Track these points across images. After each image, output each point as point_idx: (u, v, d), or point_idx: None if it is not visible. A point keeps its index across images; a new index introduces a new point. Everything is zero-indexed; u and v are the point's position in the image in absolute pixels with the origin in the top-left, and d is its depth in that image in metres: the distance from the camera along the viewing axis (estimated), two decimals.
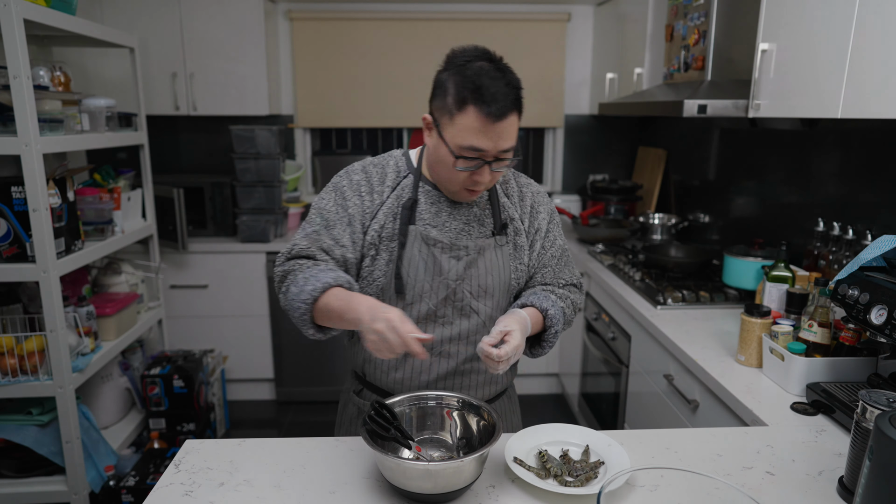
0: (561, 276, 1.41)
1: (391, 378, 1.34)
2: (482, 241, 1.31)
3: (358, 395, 1.43)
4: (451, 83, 1.17)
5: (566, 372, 3.45)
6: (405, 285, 1.27)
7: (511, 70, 1.20)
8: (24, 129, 1.87)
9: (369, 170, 1.34)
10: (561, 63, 3.79)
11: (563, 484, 1.08)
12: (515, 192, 1.40)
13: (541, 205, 1.41)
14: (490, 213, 1.35)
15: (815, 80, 1.60)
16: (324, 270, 1.21)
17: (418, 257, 1.28)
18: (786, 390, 1.55)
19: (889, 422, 0.87)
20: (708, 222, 2.99)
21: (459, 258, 1.29)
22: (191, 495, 1.09)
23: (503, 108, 1.14)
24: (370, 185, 1.31)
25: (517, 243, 1.36)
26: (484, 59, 1.18)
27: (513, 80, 1.18)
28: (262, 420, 3.43)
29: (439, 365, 1.32)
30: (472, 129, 1.16)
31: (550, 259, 1.40)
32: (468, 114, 1.15)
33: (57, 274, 2.01)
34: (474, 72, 1.15)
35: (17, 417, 2.18)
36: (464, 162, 1.19)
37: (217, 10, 3.27)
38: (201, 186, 3.36)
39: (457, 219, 1.31)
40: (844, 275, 1.43)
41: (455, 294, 1.30)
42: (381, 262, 1.29)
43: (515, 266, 1.35)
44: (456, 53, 1.20)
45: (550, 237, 1.41)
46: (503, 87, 1.15)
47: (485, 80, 1.14)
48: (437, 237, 1.28)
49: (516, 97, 1.18)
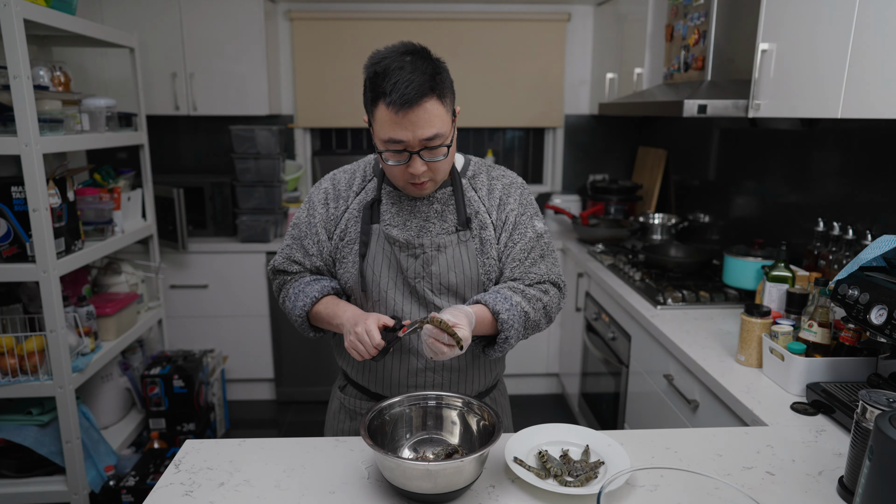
0: (533, 272, 1.33)
1: (366, 376, 1.39)
2: (442, 237, 1.30)
3: (342, 390, 1.48)
4: (365, 83, 1.19)
5: (566, 372, 3.45)
6: (368, 283, 1.31)
7: (426, 57, 1.17)
8: (24, 129, 1.87)
9: (338, 177, 1.39)
10: (561, 63, 3.79)
11: (563, 484, 1.08)
12: (485, 185, 1.36)
13: (510, 196, 1.35)
14: (454, 208, 1.33)
15: (815, 80, 1.60)
16: (310, 283, 1.35)
17: (382, 255, 1.31)
18: (786, 390, 1.55)
19: (889, 422, 0.87)
20: (708, 222, 2.99)
21: (416, 256, 1.30)
22: (191, 495, 1.09)
23: (407, 96, 1.12)
24: (336, 192, 1.37)
25: (483, 238, 1.32)
26: (397, 54, 1.16)
27: (423, 66, 1.15)
28: (262, 420, 3.43)
29: (409, 362, 1.34)
30: (385, 122, 1.16)
31: (519, 252, 1.33)
32: (379, 108, 1.16)
33: (57, 274, 2.01)
34: (382, 67, 1.15)
35: (17, 417, 2.18)
36: (391, 155, 1.20)
37: (217, 10, 3.27)
38: (201, 186, 3.36)
39: (417, 216, 1.32)
40: (844, 275, 1.43)
41: (416, 292, 1.31)
42: (347, 265, 1.33)
43: (483, 261, 1.32)
44: (372, 54, 1.20)
45: (521, 229, 1.34)
46: (408, 75, 1.13)
47: (390, 72, 1.14)
48: (396, 236, 1.30)
49: (425, 82, 1.14)
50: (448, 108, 1.20)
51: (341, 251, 1.34)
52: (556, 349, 3.59)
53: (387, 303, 1.31)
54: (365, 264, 1.31)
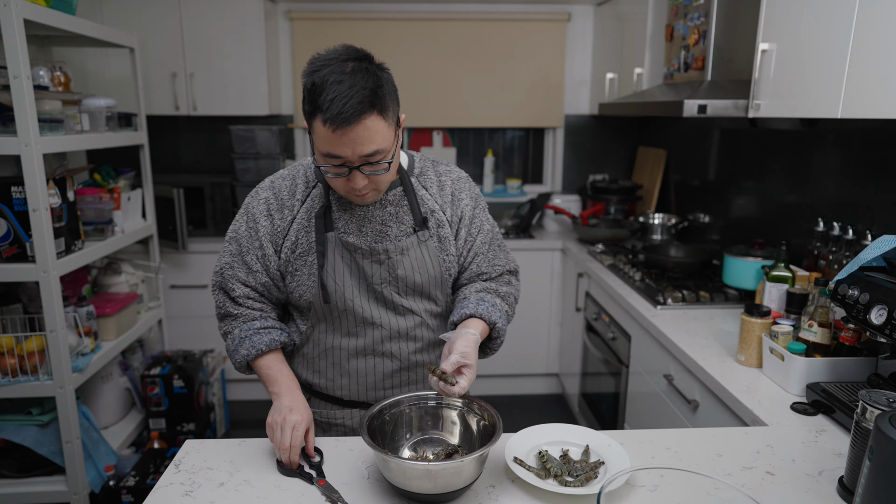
0: (496, 263, 1.38)
1: (338, 384, 1.36)
2: (403, 240, 1.28)
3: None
4: (304, 91, 1.11)
5: (566, 372, 3.45)
6: (331, 294, 1.26)
7: (367, 68, 1.09)
8: (24, 129, 1.87)
9: (277, 185, 1.30)
10: (561, 63, 3.79)
11: (563, 484, 1.08)
12: (434, 182, 1.34)
13: (462, 191, 1.35)
14: (408, 209, 1.30)
15: (815, 80, 1.60)
16: (258, 332, 1.30)
17: (341, 263, 1.26)
18: (786, 390, 1.55)
19: (889, 422, 0.87)
20: (708, 222, 2.99)
21: (381, 262, 1.27)
22: (191, 495, 1.09)
23: (343, 114, 1.05)
24: (279, 201, 1.28)
25: (441, 235, 1.32)
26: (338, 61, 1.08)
27: (363, 80, 1.07)
28: (262, 420, 3.41)
29: (383, 364, 1.33)
30: (324, 137, 1.09)
31: (481, 245, 1.36)
32: (317, 123, 1.08)
33: (57, 274, 2.01)
34: (320, 78, 1.07)
35: (17, 417, 2.18)
36: (331, 169, 1.13)
37: (217, 10, 3.27)
38: (201, 186, 3.36)
39: (372, 221, 1.27)
40: (844, 275, 1.43)
41: (383, 296, 1.29)
42: (302, 278, 1.27)
43: (443, 258, 1.32)
44: (313, 59, 1.11)
45: (477, 223, 1.36)
46: (346, 90, 1.05)
47: (327, 85, 1.06)
48: (356, 243, 1.25)
49: (364, 98, 1.06)
50: (391, 121, 1.13)
51: (293, 264, 1.27)
52: (556, 349, 3.59)
53: (353, 311, 1.28)
54: (325, 275, 1.25)
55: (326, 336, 1.32)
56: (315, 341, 1.34)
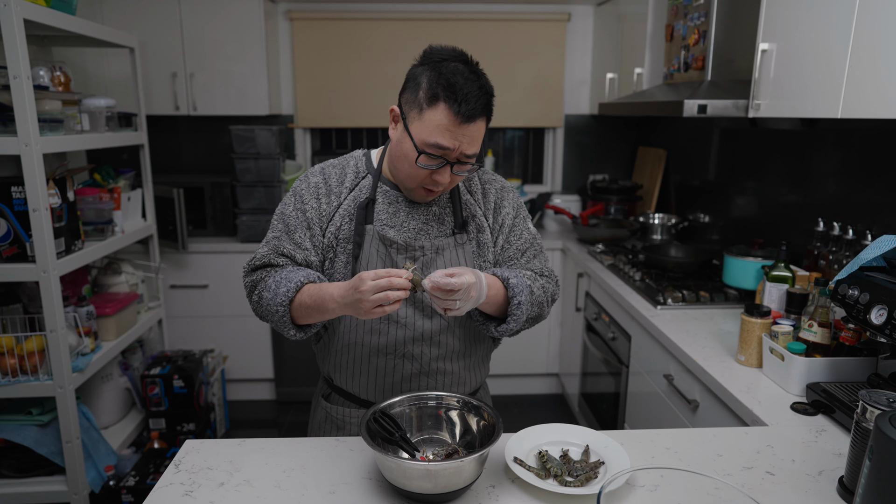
0: (529, 267, 1.38)
1: (356, 382, 1.35)
2: (441, 240, 1.29)
3: (326, 399, 1.43)
4: (424, 78, 1.17)
5: (566, 372, 3.45)
6: None
7: (485, 76, 1.20)
8: (24, 129, 1.87)
9: (328, 171, 1.33)
10: (561, 63, 3.79)
11: (563, 484, 1.08)
12: (479, 188, 1.37)
13: (505, 200, 1.38)
14: (451, 210, 1.33)
15: (815, 80, 1.60)
16: (292, 271, 1.24)
17: (376, 257, 1.27)
18: (786, 390, 1.55)
19: (889, 422, 0.87)
20: (708, 222, 2.99)
21: (416, 259, 1.28)
22: (191, 495, 1.09)
23: (473, 109, 1.14)
24: (328, 186, 1.31)
25: (480, 241, 1.34)
26: (460, 61, 1.18)
27: (486, 85, 1.18)
28: (262, 420, 3.43)
29: (403, 367, 1.32)
30: (439, 126, 1.15)
31: (515, 252, 1.37)
32: (438, 110, 1.14)
33: (57, 274, 2.01)
34: (450, 70, 1.15)
35: (17, 417, 2.18)
36: (426, 159, 1.18)
37: (217, 10, 3.27)
38: (201, 186, 3.36)
39: (415, 218, 1.30)
40: (844, 275, 1.43)
41: (413, 295, 1.26)
42: (339, 264, 1.29)
43: (479, 264, 1.33)
44: (433, 50, 1.20)
45: (517, 232, 1.38)
46: (476, 90, 1.14)
47: (459, 79, 1.14)
48: (394, 237, 1.27)
49: (487, 103, 1.17)
50: None
51: (334, 249, 1.29)
52: (556, 349, 3.59)
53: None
54: (359, 265, 1.27)
55: (350, 331, 1.32)
56: (340, 334, 1.33)
